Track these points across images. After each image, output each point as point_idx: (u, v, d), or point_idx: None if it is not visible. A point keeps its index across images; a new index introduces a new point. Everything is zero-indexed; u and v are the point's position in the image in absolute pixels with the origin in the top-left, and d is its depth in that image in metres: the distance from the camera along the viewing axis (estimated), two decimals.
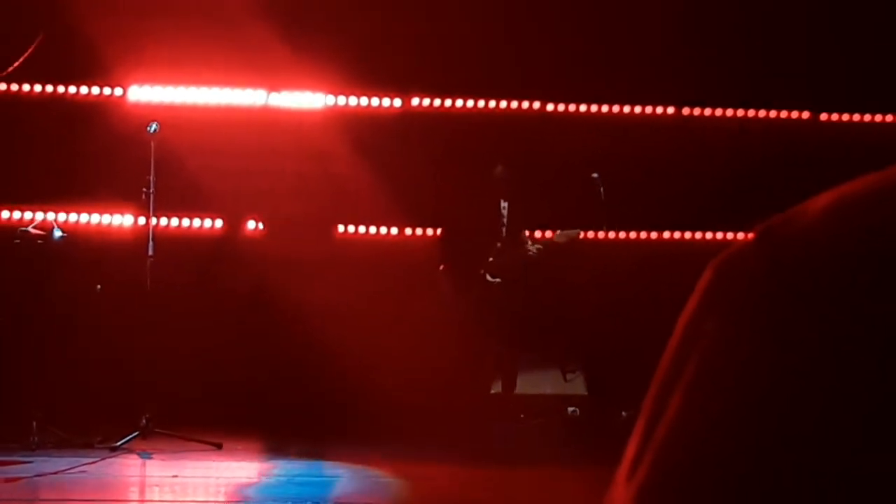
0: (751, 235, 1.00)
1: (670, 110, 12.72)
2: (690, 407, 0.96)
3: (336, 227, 12.36)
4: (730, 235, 12.51)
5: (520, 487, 9.11)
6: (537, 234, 12.01)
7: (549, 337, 11.69)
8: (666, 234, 12.46)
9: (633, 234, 11.97)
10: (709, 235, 12.58)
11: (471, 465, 9.56)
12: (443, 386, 11.51)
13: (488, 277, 11.30)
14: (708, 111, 12.74)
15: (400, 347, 11.40)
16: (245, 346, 11.73)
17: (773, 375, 0.93)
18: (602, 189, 11.21)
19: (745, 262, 0.99)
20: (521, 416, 11.50)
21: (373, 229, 12.43)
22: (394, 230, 12.45)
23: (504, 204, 11.46)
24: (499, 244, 11.38)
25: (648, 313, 11.72)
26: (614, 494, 0.99)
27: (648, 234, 11.90)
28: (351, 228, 12.40)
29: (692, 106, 12.73)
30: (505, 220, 11.46)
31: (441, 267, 11.49)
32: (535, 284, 11.44)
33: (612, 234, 11.61)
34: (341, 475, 9.52)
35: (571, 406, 11.37)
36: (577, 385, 11.62)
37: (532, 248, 11.40)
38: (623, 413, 11.16)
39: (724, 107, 12.77)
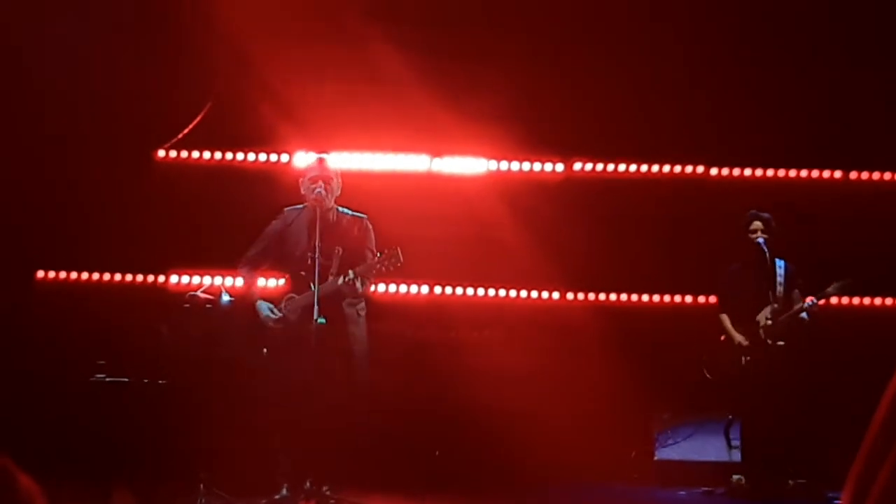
0: None
1: (837, 174, 12.52)
2: None
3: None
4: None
5: None
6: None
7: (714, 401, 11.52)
8: (833, 300, 12.19)
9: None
10: (888, 302, 12.35)
11: None
12: (605, 450, 11.41)
13: (768, 342, 10.97)
14: (876, 175, 12.50)
15: (564, 412, 11.34)
16: (407, 410, 11.76)
17: None
18: (768, 254, 11.01)
19: None
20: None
21: (534, 293, 12.41)
22: (555, 295, 12.42)
23: (780, 262, 11.08)
24: (775, 306, 10.99)
25: (814, 381, 11.51)
26: None
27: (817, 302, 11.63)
28: (513, 293, 12.40)
29: (860, 170, 12.51)
30: (781, 280, 11.06)
31: (722, 338, 11.18)
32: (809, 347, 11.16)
33: None
34: None
35: (737, 474, 11.16)
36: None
37: (805, 307, 10.94)
38: (790, 482, 10.92)
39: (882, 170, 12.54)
